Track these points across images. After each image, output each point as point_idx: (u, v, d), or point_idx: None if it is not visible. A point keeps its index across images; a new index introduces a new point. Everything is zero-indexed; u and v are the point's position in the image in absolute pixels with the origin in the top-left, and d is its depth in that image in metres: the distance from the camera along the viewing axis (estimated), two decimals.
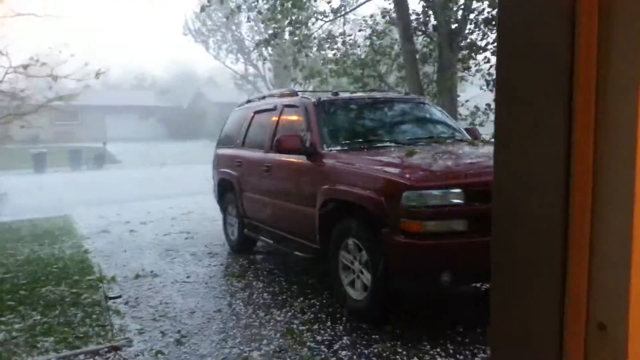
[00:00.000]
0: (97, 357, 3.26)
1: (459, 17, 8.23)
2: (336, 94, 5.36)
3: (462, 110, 8.88)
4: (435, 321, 3.55)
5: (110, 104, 36.98)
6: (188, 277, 5.06)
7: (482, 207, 3.24)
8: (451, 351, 3.06)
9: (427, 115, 5.20)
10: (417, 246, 3.20)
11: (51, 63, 11.23)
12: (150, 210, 9.55)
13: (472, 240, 3.17)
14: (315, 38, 10.66)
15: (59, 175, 20.69)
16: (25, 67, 10.90)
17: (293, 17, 9.80)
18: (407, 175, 3.38)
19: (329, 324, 3.61)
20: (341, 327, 3.53)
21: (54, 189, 15.28)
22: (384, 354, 3.08)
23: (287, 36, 10.49)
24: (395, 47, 9.75)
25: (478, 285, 4.20)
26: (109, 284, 4.85)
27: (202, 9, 10.22)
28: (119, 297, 4.45)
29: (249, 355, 3.17)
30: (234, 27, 32.06)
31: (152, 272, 5.28)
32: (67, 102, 12.27)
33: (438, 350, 3.07)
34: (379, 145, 4.38)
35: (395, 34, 9.54)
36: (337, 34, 10.58)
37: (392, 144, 4.41)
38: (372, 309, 3.51)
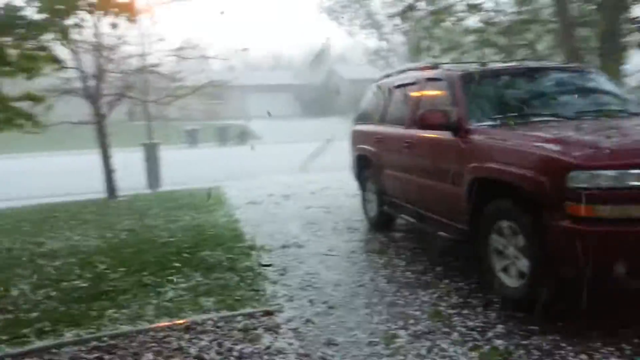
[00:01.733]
0: (252, 320, 3.49)
1: None
2: (484, 64, 5.00)
3: (630, 82, 7.72)
4: (605, 317, 3.16)
5: (250, 83, 39.35)
6: (330, 250, 5.20)
7: None
8: (628, 352, 2.69)
9: (594, 86, 4.60)
10: (586, 233, 2.86)
11: (201, 45, 12.28)
12: (290, 185, 10.01)
13: None
14: (454, 6, 10.05)
15: (208, 150, 22.77)
16: (180, 49, 12.03)
17: None
18: (575, 153, 3.02)
19: (479, 309, 3.42)
20: (494, 315, 3.32)
21: (206, 162, 16.85)
22: (545, 348, 2.82)
23: (423, 5, 10.01)
24: (546, 11, 8.80)
25: None
26: (258, 252, 5.19)
27: None
28: (270, 265, 4.73)
29: (396, 333, 3.15)
30: (366, 1, 31.80)
31: (296, 243, 5.53)
32: (219, 87, 13.38)
33: (611, 349, 2.73)
34: (536, 120, 3.98)
35: None
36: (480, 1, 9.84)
37: (553, 119, 3.98)
38: (530, 298, 3.23)
